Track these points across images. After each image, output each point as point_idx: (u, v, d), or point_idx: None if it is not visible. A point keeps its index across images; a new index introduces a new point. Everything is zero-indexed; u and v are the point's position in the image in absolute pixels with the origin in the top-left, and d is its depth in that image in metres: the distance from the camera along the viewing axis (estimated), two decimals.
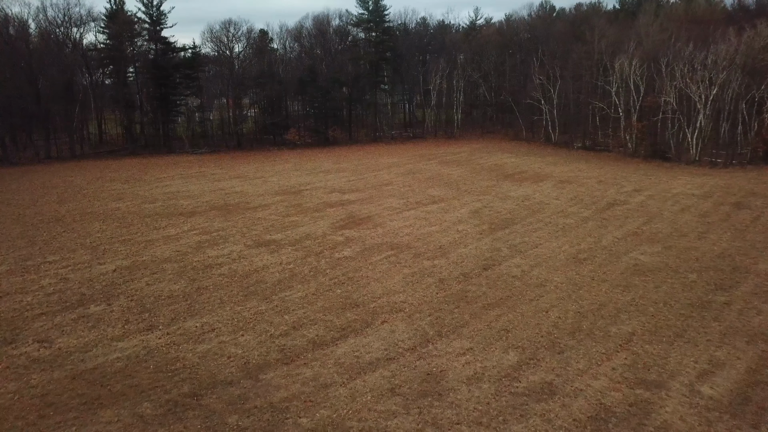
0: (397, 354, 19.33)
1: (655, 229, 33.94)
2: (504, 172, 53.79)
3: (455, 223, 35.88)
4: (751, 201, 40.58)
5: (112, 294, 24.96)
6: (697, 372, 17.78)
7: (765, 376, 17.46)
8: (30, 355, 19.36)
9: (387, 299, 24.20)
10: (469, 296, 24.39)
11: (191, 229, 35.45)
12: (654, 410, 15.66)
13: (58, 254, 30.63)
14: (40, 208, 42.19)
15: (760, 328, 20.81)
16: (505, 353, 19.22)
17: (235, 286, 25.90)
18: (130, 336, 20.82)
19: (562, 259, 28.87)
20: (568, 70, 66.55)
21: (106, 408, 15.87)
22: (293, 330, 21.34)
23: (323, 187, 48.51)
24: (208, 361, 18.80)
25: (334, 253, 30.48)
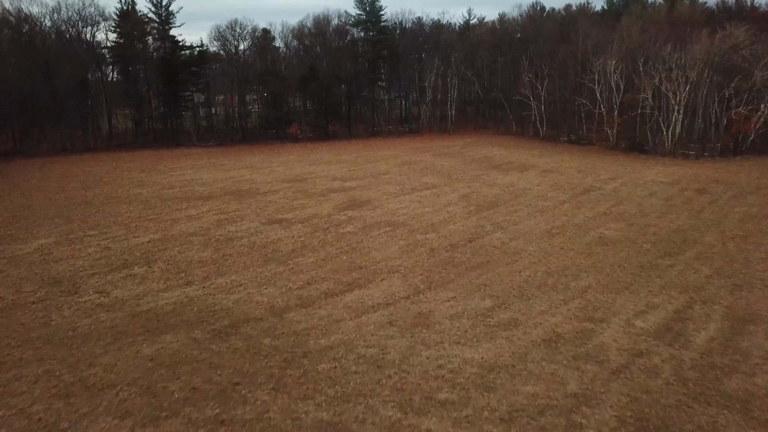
0: (394, 301, 23.68)
1: (623, 210, 38.42)
2: (493, 163, 58.24)
3: (446, 206, 40.29)
4: (713, 187, 45.11)
5: (150, 259, 29.23)
6: (634, 312, 22.19)
7: (687, 314, 21.90)
8: (93, 301, 23.65)
9: (385, 263, 28.52)
10: (455, 261, 28.76)
11: (210, 210, 39.73)
12: (595, 335, 20.08)
13: (96, 230, 34.88)
14: (68, 193, 46.38)
15: (693, 283, 25.26)
16: (482, 300, 23.61)
17: (255, 253, 30.20)
18: (172, 289, 25.12)
19: (537, 234, 33.29)
20: (555, 68, 71.01)
21: (165, 333, 20.21)
22: (308, 285, 25.66)
23: (326, 176, 52.81)
24: (240, 305, 23.12)
25: (339, 229, 34.81)
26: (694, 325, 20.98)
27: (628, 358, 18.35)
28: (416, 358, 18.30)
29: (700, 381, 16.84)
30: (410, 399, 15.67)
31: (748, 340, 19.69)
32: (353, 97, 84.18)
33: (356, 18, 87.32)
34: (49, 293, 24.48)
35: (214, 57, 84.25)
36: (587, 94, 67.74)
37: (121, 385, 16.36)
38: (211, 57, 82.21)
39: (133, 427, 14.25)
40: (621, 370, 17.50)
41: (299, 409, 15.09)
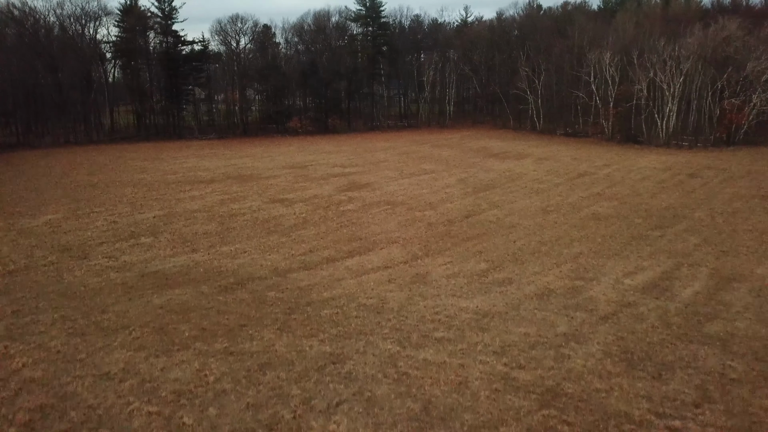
0: (393, 264, 24.59)
1: (616, 191, 39.40)
2: (490, 152, 59.26)
3: (443, 188, 41.24)
4: (705, 172, 46.14)
5: (156, 231, 30.12)
6: (623, 273, 23.12)
7: (674, 274, 22.83)
8: (102, 264, 24.52)
9: (385, 236, 29.44)
10: (452, 233, 29.69)
11: (213, 191, 40.64)
12: (585, 291, 21.00)
13: (102, 207, 35.76)
14: (73, 177, 47.26)
15: (681, 250, 26.20)
16: (477, 263, 24.53)
17: (258, 227, 31.10)
18: (179, 255, 26.00)
19: (532, 211, 34.24)
20: (552, 62, 72.13)
21: (174, 288, 21.09)
22: (310, 252, 26.56)
23: (326, 163, 53.76)
24: (245, 267, 24.01)
25: (339, 207, 35.72)
26: (680, 283, 21.91)
27: (616, 308, 19.26)
28: (414, 306, 19.20)
29: (683, 325, 17.75)
30: (408, 336, 16.57)
31: (731, 294, 20.63)
32: (353, 92, 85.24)
33: (356, 13, 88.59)
34: (59, 258, 25.35)
35: (214, 57, 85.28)
36: (583, 87, 68.81)
37: (134, 327, 17.23)
38: (212, 56, 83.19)
39: (147, 357, 15.12)
40: (609, 317, 18.41)
41: (303, 344, 15.97)
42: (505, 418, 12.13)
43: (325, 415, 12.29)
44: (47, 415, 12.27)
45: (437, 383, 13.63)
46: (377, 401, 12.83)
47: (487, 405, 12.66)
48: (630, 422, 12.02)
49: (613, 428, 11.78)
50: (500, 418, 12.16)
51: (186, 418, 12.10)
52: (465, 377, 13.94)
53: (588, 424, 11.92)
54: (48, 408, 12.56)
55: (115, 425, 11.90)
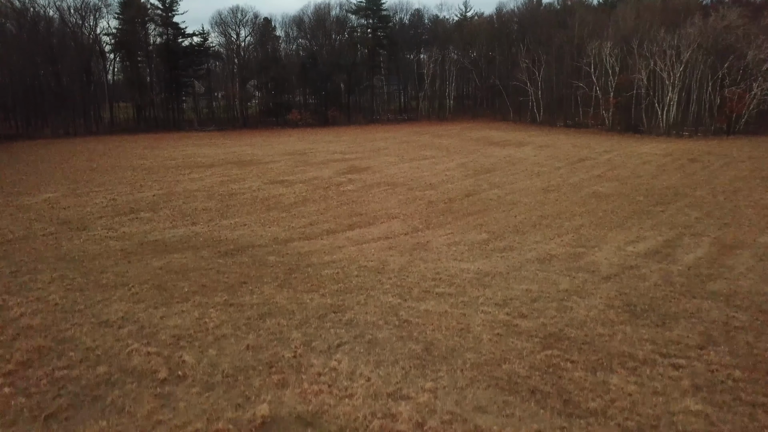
0: (394, 236, 24.46)
1: (617, 174, 39.30)
2: (490, 141, 59.18)
3: (444, 171, 41.14)
4: (705, 157, 46.05)
5: (155, 208, 29.98)
6: (626, 241, 23.00)
7: (676, 243, 22.71)
8: (102, 235, 24.38)
9: (385, 212, 29.31)
10: (452, 209, 29.58)
11: (212, 174, 40.52)
12: (587, 256, 20.87)
13: (102, 187, 35.64)
14: (73, 163, 47.15)
15: (683, 223, 26.09)
16: (478, 234, 24.41)
17: (258, 204, 30.97)
18: (179, 227, 25.87)
19: (533, 190, 34.13)
20: (552, 54, 72.08)
21: (173, 253, 20.96)
22: (310, 225, 26.43)
23: (326, 150, 53.67)
24: (245, 238, 23.88)
25: (339, 187, 35.60)
26: (682, 249, 21.79)
27: (618, 269, 19.14)
28: (415, 267, 19.08)
29: (686, 284, 17.63)
30: (409, 291, 16.44)
31: (734, 259, 20.51)
32: (353, 85, 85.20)
33: (357, 5, 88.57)
34: (58, 229, 25.22)
35: (215, 54, 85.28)
36: (584, 77, 68.76)
37: (133, 284, 17.10)
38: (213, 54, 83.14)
39: (146, 308, 14.98)
40: (611, 277, 18.28)
41: (304, 298, 15.84)
42: (507, 357, 12.00)
43: (326, 354, 12.16)
44: (45, 355, 12.14)
45: (439, 329, 13.51)
46: (378, 343, 12.71)
47: (490, 346, 12.54)
48: (634, 360, 11.89)
49: (617, 365, 11.65)
50: (503, 357, 12.03)
51: (186, 357, 11.97)
52: (467, 324, 13.82)
53: (591, 362, 11.80)
54: (46, 349, 12.43)
55: (113, 363, 11.76)
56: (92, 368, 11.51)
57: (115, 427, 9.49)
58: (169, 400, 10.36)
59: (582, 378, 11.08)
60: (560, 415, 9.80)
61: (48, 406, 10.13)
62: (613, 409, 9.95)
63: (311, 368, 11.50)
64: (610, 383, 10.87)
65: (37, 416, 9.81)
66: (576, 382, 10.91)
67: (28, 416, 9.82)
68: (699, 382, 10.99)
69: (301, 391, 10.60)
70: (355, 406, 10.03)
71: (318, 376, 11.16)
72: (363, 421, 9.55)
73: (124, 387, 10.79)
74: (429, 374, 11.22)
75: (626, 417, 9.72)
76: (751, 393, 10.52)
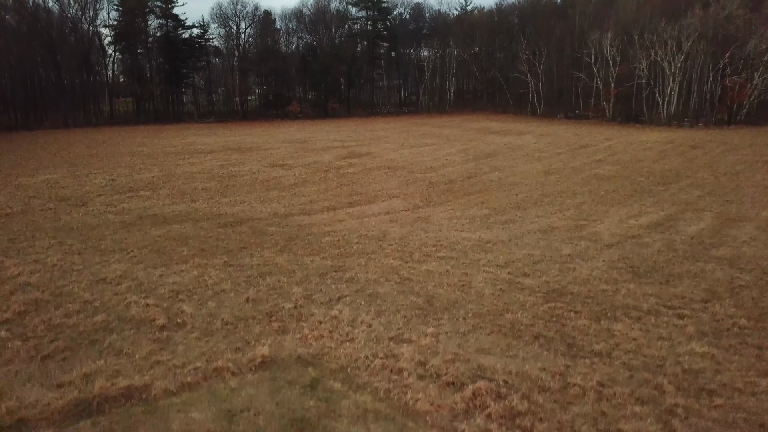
0: (394, 212, 24.32)
1: (618, 158, 39.17)
2: (490, 131, 59.05)
3: (444, 156, 41.00)
4: (707, 144, 45.93)
5: (155, 188, 29.83)
6: (627, 216, 22.86)
7: (679, 217, 22.58)
8: (100, 209, 24.22)
9: (385, 192, 29.16)
10: (453, 189, 29.44)
11: (212, 159, 40.36)
12: (588, 228, 20.73)
13: (101, 170, 35.49)
14: (73, 150, 47.00)
15: (685, 200, 25.96)
16: (479, 210, 24.27)
17: (258, 185, 30.82)
18: (179, 204, 25.71)
19: (534, 173, 33.99)
20: (552, 44, 71.93)
21: (172, 224, 20.81)
22: (310, 203, 26.28)
23: (326, 139, 53.52)
24: (244, 213, 23.73)
25: (340, 170, 35.45)
26: (685, 222, 21.66)
27: (620, 238, 19.00)
28: (416, 236, 18.95)
29: (689, 250, 17.49)
30: (410, 254, 16.31)
31: (737, 230, 20.37)
32: (353, 77, 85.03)
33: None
34: (56, 205, 25.06)
35: (215, 51, 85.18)
36: (584, 68, 68.62)
37: (132, 249, 16.96)
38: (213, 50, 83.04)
39: (145, 268, 14.84)
40: (613, 245, 18.15)
41: (304, 260, 15.71)
42: (510, 308, 11.87)
43: (327, 306, 12.03)
44: (42, 307, 11.99)
45: (440, 285, 13.38)
46: (379, 296, 12.57)
47: (492, 300, 12.40)
48: (638, 311, 11.76)
49: (621, 315, 11.51)
50: (505, 308, 11.89)
51: (185, 308, 11.84)
52: (468, 281, 13.68)
53: (595, 313, 11.66)
54: (43, 302, 12.29)
55: (111, 313, 11.62)
56: (90, 317, 11.37)
57: (112, 366, 9.34)
58: (167, 344, 10.22)
59: (586, 325, 10.95)
60: (564, 356, 9.67)
61: (45, 348, 10.00)
62: (617, 351, 9.82)
63: (312, 317, 11.36)
64: (615, 330, 10.74)
65: (33, 357, 9.67)
66: (580, 329, 10.78)
67: (24, 357, 9.68)
68: (704, 329, 10.86)
69: (302, 336, 10.47)
70: (356, 349, 9.89)
71: (319, 324, 11.02)
72: (365, 361, 9.41)
73: (122, 333, 10.65)
74: (431, 321, 11.09)
75: (631, 357, 9.58)
76: (758, 338, 10.39)
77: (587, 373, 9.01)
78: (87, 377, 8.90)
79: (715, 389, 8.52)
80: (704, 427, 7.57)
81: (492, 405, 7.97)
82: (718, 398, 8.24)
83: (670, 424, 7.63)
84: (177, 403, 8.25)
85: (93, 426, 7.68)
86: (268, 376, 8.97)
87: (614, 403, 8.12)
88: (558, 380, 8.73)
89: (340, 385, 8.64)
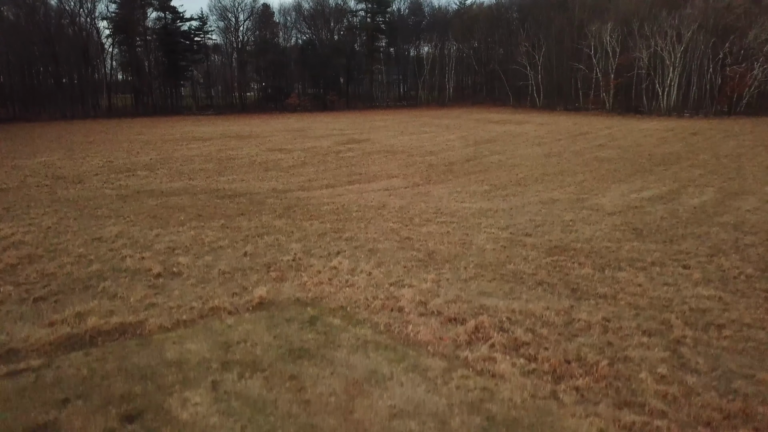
0: (394, 189, 24.08)
1: (618, 143, 38.99)
2: (490, 120, 58.87)
3: (444, 141, 40.82)
4: (707, 132, 45.77)
5: (153, 168, 29.59)
6: (629, 191, 22.67)
7: (681, 191, 22.40)
8: (98, 185, 23.98)
9: (385, 172, 28.93)
10: (453, 170, 29.22)
11: (211, 145, 40.11)
12: (590, 200, 20.53)
13: (98, 153, 35.25)
14: (70, 137, 46.75)
15: (687, 177, 25.78)
16: (480, 186, 24.06)
17: (256, 166, 30.58)
18: (176, 182, 25.46)
19: (534, 156, 33.80)
20: (552, 36, 71.75)
21: (169, 197, 20.58)
22: (309, 182, 26.04)
23: (325, 128, 53.32)
24: (243, 189, 23.47)
25: (339, 154, 35.22)
26: (687, 196, 21.47)
27: (622, 209, 18.80)
28: (415, 206, 18.74)
29: (692, 218, 17.29)
30: (410, 219, 16.10)
31: (740, 201, 20.19)
32: (351, 70, 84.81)
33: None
34: (53, 183, 24.81)
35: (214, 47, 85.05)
36: (584, 60, 68.45)
37: (129, 215, 16.74)
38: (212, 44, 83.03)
39: (141, 229, 14.62)
40: (616, 213, 17.96)
41: (303, 224, 15.49)
42: (512, 261, 11.67)
43: (326, 258, 11.82)
44: (36, 260, 11.77)
45: (441, 243, 13.18)
46: (379, 251, 12.37)
47: (494, 254, 12.20)
48: (643, 262, 11.56)
49: (626, 266, 11.31)
50: (507, 260, 11.69)
51: (181, 260, 11.62)
52: (470, 240, 13.48)
53: (599, 264, 11.46)
54: (36, 256, 12.07)
55: (106, 264, 11.40)
56: (84, 267, 11.16)
57: (106, 307, 9.12)
58: (163, 289, 10.01)
59: (589, 274, 10.75)
60: (568, 298, 9.47)
61: (37, 292, 9.78)
62: (622, 294, 9.62)
63: (311, 267, 11.15)
64: (619, 277, 10.54)
65: (25, 299, 9.45)
66: (583, 277, 10.58)
67: (16, 299, 9.46)
68: (710, 277, 10.67)
69: (300, 283, 10.25)
70: (356, 292, 9.69)
71: (318, 273, 10.81)
72: (365, 302, 9.20)
73: (117, 279, 10.43)
74: (432, 270, 10.88)
75: (637, 299, 9.38)
76: (766, 284, 10.19)
77: (592, 311, 8.81)
78: (80, 316, 8.69)
79: (724, 324, 8.32)
80: (714, 354, 7.37)
81: (495, 336, 7.77)
82: (726, 331, 8.04)
83: (679, 351, 7.43)
84: (172, 336, 8.04)
85: (85, 356, 7.46)
86: (265, 314, 8.76)
87: (620, 335, 7.92)
88: (562, 316, 8.53)
89: (340, 321, 8.43)
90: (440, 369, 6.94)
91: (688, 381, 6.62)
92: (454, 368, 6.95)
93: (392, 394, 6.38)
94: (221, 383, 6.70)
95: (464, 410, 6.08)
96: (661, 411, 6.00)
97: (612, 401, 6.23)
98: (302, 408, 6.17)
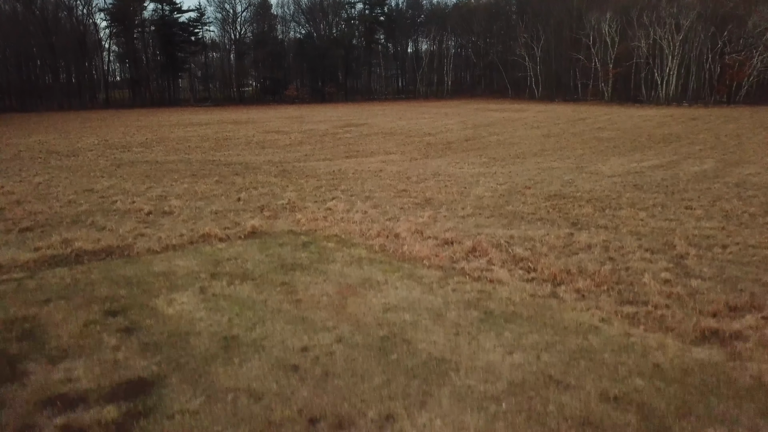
0: (393, 163, 23.82)
1: (617, 127, 38.79)
2: (488, 109, 58.67)
3: (442, 125, 40.59)
4: (706, 117, 45.59)
5: (149, 146, 29.32)
6: (628, 162, 22.46)
7: (681, 162, 22.21)
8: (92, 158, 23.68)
9: (383, 150, 28.69)
10: (452, 148, 28.98)
11: (208, 129, 39.86)
12: (590, 167, 20.31)
13: (93, 135, 35.01)
14: (67, 124, 46.47)
15: (687, 152, 25.58)
16: (478, 160, 23.82)
17: (253, 145, 30.31)
18: (174, 155, 25.18)
19: (533, 136, 33.58)
20: (551, 27, 71.56)
21: (164, 164, 20.34)
22: (305, 157, 25.78)
23: (322, 116, 53.07)
24: (240, 161, 23.24)
25: (336, 136, 34.97)
26: (687, 165, 21.26)
27: (621, 174, 18.59)
28: (413, 171, 18.53)
29: (693, 180, 17.06)
30: (407, 179, 15.89)
31: (741, 169, 19.98)
32: (350, 62, 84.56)
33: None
34: (47, 156, 24.51)
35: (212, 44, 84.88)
36: (583, 49, 68.26)
37: (122, 175, 16.50)
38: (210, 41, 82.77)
39: (134, 183, 14.39)
40: (615, 176, 17.74)
41: (299, 181, 15.27)
42: (511, 204, 11.44)
43: (321, 202, 11.59)
44: (23, 204, 11.52)
45: (438, 192, 12.95)
46: (376, 197, 12.15)
47: (492, 200, 11.97)
48: (644, 204, 11.34)
49: (627, 207, 11.09)
50: (506, 204, 11.46)
51: (173, 202, 11.38)
52: (468, 192, 13.25)
53: (600, 206, 11.24)
54: (25, 202, 11.82)
55: (97, 207, 11.15)
56: (73, 209, 10.92)
57: (94, 236, 8.88)
58: (153, 224, 9.77)
59: (590, 212, 10.54)
60: (568, 228, 9.24)
61: (24, 224, 9.53)
62: (624, 226, 9.40)
63: (306, 209, 10.93)
64: (620, 214, 10.33)
65: (11, 230, 9.21)
66: (584, 215, 10.37)
67: (2, 229, 9.21)
68: (714, 215, 10.45)
69: (294, 220, 10.03)
70: (351, 225, 9.45)
71: (312, 213, 10.58)
72: (360, 232, 8.97)
73: (107, 216, 10.20)
74: (428, 210, 10.65)
75: (639, 229, 9.16)
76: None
77: (592, 236, 8.60)
78: (66, 242, 8.45)
79: (728, 244, 8.10)
80: (718, 265, 7.15)
81: (493, 252, 7.54)
82: (731, 249, 7.83)
83: (683, 263, 7.21)
84: (160, 256, 7.80)
85: (69, 270, 7.23)
86: (258, 241, 8.53)
87: (622, 253, 7.71)
88: (562, 239, 8.31)
89: (334, 245, 8.19)
90: (436, 277, 6.72)
91: (693, 284, 6.40)
92: (450, 276, 6.72)
93: (386, 294, 6.16)
94: (209, 288, 6.47)
95: (461, 306, 5.86)
96: (665, 305, 5.78)
97: (614, 300, 6.01)
98: (293, 306, 5.94)
